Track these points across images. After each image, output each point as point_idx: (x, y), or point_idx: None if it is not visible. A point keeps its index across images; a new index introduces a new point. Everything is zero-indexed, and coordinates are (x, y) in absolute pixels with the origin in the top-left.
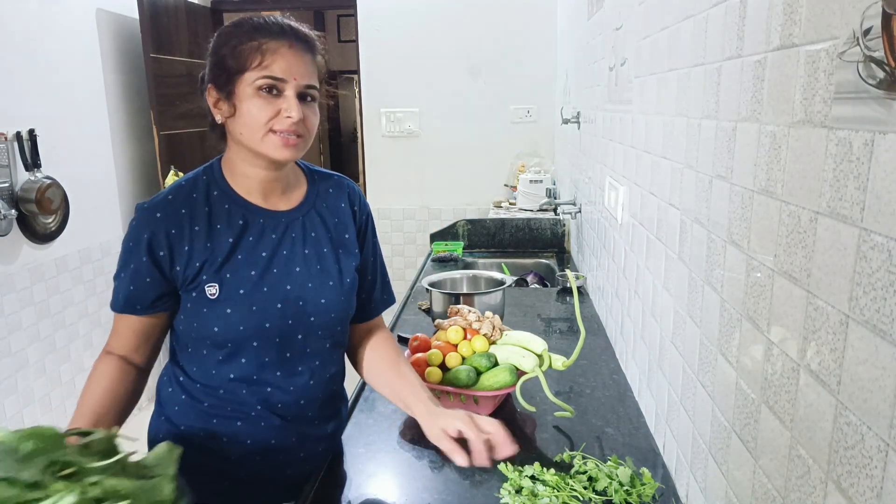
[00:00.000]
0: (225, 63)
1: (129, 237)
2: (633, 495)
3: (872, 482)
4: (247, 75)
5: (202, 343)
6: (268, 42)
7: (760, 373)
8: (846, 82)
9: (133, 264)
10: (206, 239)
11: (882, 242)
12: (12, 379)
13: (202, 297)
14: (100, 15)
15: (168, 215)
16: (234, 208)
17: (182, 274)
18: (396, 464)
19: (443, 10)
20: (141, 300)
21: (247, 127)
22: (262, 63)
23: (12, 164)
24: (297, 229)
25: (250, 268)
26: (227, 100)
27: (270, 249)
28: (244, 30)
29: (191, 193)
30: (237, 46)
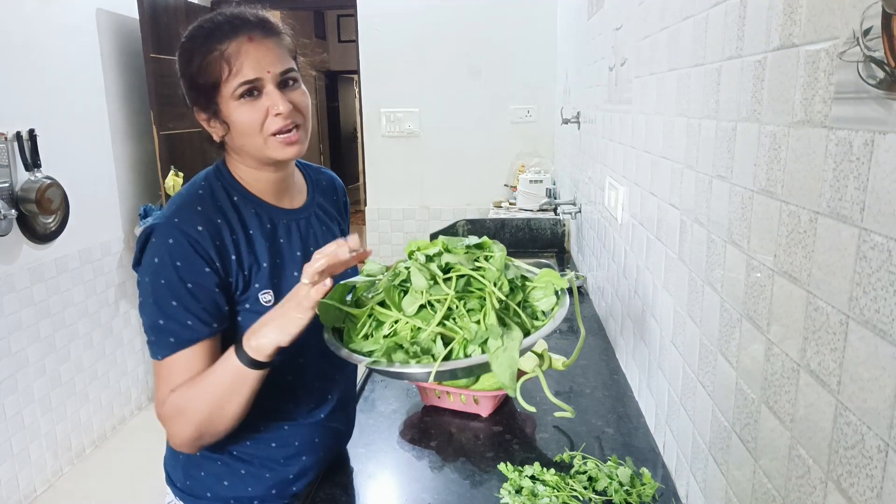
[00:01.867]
0: (196, 83)
1: (173, 257)
2: (634, 495)
3: (872, 482)
4: (222, 90)
5: None
6: (227, 46)
7: (760, 373)
8: (846, 82)
9: (191, 283)
10: (247, 246)
11: (882, 242)
12: (12, 379)
13: (257, 306)
14: (100, 15)
15: (208, 227)
16: (261, 212)
17: (234, 285)
18: (396, 464)
19: (443, 9)
20: (214, 314)
21: (245, 137)
22: (231, 70)
23: (12, 164)
24: (314, 224)
25: (292, 269)
26: (215, 118)
27: (301, 248)
28: (199, 41)
29: (216, 202)
30: (200, 62)
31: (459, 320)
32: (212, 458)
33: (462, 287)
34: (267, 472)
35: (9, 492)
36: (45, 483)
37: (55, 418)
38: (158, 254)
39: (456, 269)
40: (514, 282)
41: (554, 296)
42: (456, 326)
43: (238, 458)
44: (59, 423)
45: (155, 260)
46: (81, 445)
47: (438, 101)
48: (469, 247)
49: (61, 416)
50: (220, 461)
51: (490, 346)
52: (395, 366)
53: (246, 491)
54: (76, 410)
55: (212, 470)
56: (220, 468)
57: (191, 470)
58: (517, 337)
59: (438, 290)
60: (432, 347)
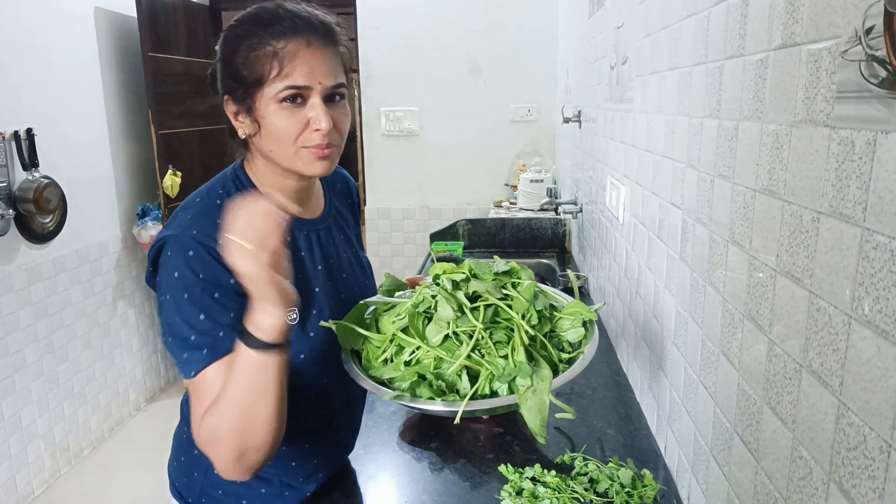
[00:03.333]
0: (239, 74)
1: (194, 270)
2: (635, 497)
3: (875, 483)
4: (266, 89)
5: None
6: (284, 44)
7: (762, 373)
8: (848, 81)
9: (217, 292)
10: None
11: (884, 242)
12: (10, 379)
13: None
14: (98, 13)
15: None
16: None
17: None
18: (396, 465)
19: (443, 8)
20: None
21: (276, 143)
22: (282, 72)
23: (10, 163)
24: (334, 234)
25: (314, 284)
26: (247, 114)
27: (322, 261)
28: (254, 31)
29: None
30: (249, 53)
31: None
32: None
33: (490, 318)
34: (287, 490)
35: (7, 493)
36: (43, 484)
37: (53, 419)
38: (179, 268)
39: (484, 299)
40: (542, 312)
41: (582, 327)
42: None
43: (259, 478)
44: (56, 424)
45: (175, 275)
46: (79, 446)
47: (438, 101)
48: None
49: (59, 416)
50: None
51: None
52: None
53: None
54: (74, 411)
55: (231, 489)
56: (240, 487)
57: (208, 489)
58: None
59: (466, 321)
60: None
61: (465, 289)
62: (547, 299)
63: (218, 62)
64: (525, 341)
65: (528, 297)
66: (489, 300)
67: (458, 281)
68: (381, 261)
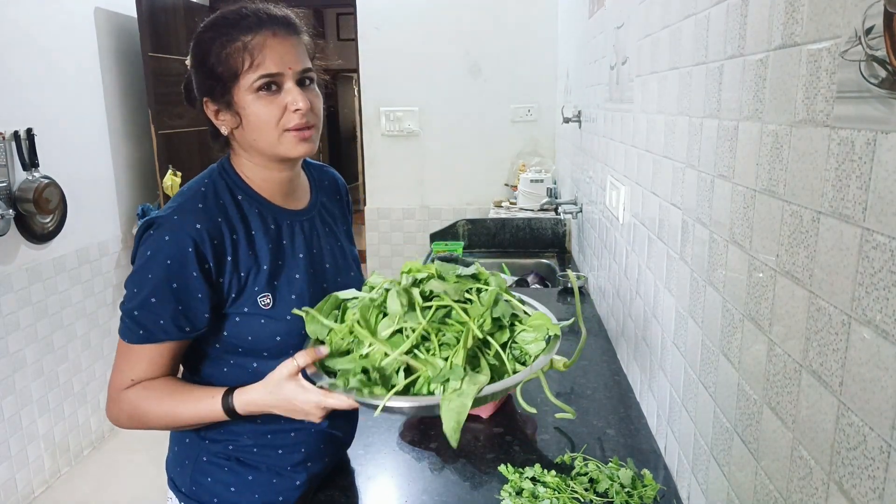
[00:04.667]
0: (214, 72)
1: (165, 254)
2: (635, 497)
3: (874, 483)
4: (241, 81)
5: (256, 356)
6: (251, 38)
7: (762, 373)
8: (848, 81)
9: (177, 283)
10: (248, 247)
11: (884, 242)
12: (10, 379)
13: (256, 309)
14: (98, 13)
15: (207, 225)
16: (265, 212)
17: (227, 286)
18: (396, 465)
19: (443, 9)
20: (191, 320)
21: (259, 132)
22: (253, 63)
23: (10, 163)
24: (318, 225)
25: (294, 271)
26: (227, 110)
27: (304, 250)
28: (222, 30)
29: (218, 200)
30: (221, 51)
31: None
32: (220, 464)
33: (440, 318)
34: (274, 478)
35: (7, 493)
36: (43, 484)
37: (53, 419)
38: (153, 248)
39: (439, 299)
40: (501, 319)
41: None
42: (425, 359)
43: (246, 465)
44: (56, 424)
45: (148, 253)
46: (79, 446)
47: (438, 101)
48: (461, 276)
49: (59, 416)
50: (227, 468)
51: (448, 386)
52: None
53: (253, 497)
54: (74, 411)
55: (219, 477)
56: (228, 475)
57: (197, 476)
58: (480, 382)
59: (413, 317)
60: (394, 377)
61: (423, 287)
62: (511, 308)
63: (192, 69)
64: (470, 345)
65: (487, 304)
66: (444, 301)
67: (419, 279)
68: (381, 261)
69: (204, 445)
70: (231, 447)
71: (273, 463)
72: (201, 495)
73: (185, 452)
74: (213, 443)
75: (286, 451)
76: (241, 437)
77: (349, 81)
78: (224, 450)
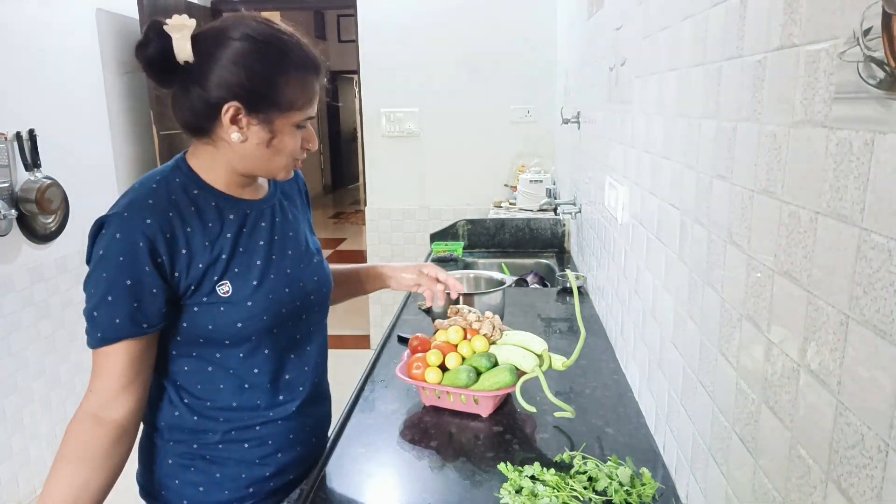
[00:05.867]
0: (270, 94)
1: (116, 251)
2: (634, 495)
3: (873, 482)
4: (292, 114)
5: (217, 346)
6: (313, 81)
7: (760, 373)
8: (846, 82)
9: (130, 279)
10: (203, 238)
11: (882, 242)
12: (12, 379)
13: (215, 298)
14: (100, 15)
15: (158, 219)
16: (222, 204)
17: (184, 279)
18: (396, 464)
19: (443, 9)
20: (148, 316)
21: (277, 155)
22: (310, 105)
23: (12, 164)
24: (278, 214)
25: (254, 258)
26: (261, 125)
27: (265, 237)
28: (294, 61)
29: (169, 195)
30: (287, 79)
31: None
32: (185, 465)
33: None
34: (243, 472)
35: (9, 492)
36: None
37: (55, 418)
38: (105, 246)
39: None
40: None
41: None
42: None
43: (211, 462)
44: (58, 423)
45: (100, 252)
46: None
47: (438, 101)
48: None
49: (61, 416)
50: (192, 467)
51: None
52: None
53: (223, 494)
54: None
55: (186, 478)
56: (195, 474)
57: (165, 480)
58: None
59: None
60: None
61: None
62: None
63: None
64: None
65: None
66: None
67: None
68: (381, 261)
69: (168, 447)
70: (195, 445)
71: (240, 457)
72: (171, 499)
73: (152, 458)
74: (177, 443)
75: (252, 444)
76: (205, 434)
77: (350, 83)
78: (188, 449)
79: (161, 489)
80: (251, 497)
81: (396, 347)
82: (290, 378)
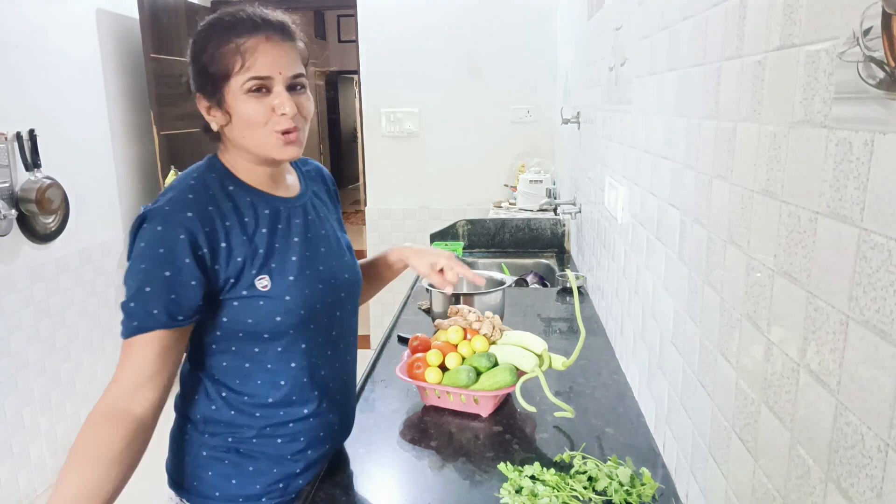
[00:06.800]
0: (207, 71)
1: (157, 244)
2: (633, 495)
3: (872, 482)
4: (232, 81)
5: (256, 341)
6: (245, 41)
7: (760, 373)
8: (846, 82)
9: (169, 271)
10: (241, 233)
11: (882, 242)
12: (12, 379)
13: (255, 292)
14: (100, 15)
15: (199, 214)
16: (257, 200)
17: (223, 272)
18: (396, 464)
19: (443, 10)
20: (184, 308)
21: (247, 130)
22: (245, 65)
23: (12, 164)
24: (311, 212)
25: (290, 254)
26: (218, 107)
27: (299, 234)
28: (218, 31)
29: (207, 191)
30: (215, 52)
31: None
32: (219, 457)
33: None
34: (275, 467)
35: (9, 492)
36: (45, 483)
37: (55, 418)
38: (145, 239)
39: None
40: None
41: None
42: None
43: (245, 456)
44: (58, 423)
45: (141, 244)
46: None
47: (438, 101)
48: None
49: (61, 416)
50: (227, 460)
51: None
52: None
53: (254, 488)
54: (76, 410)
55: (219, 470)
56: (228, 467)
57: (197, 471)
58: None
59: None
60: None
61: None
62: None
63: (189, 65)
64: None
65: None
66: None
67: None
68: None
69: (202, 439)
70: (230, 439)
71: (273, 452)
72: (203, 490)
73: (184, 449)
74: (212, 436)
75: (285, 440)
76: (241, 429)
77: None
78: (223, 442)
79: (193, 480)
80: (280, 492)
81: (396, 347)
82: (324, 374)
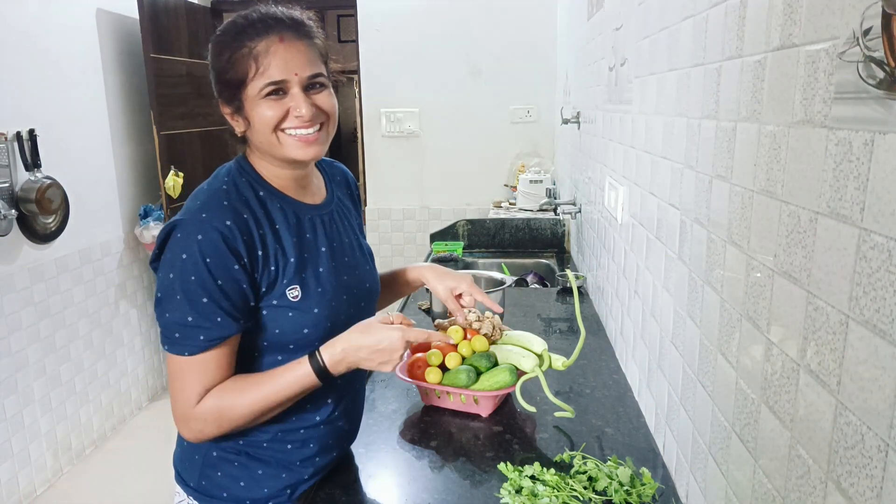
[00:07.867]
0: (224, 78)
1: (201, 254)
2: (633, 495)
3: (872, 482)
4: (248, 87)
5: (282, 350)
6: (257, 44)
7: (760, 373)
8: (846, 82)
9: (221, 279)
10: (274, 241)
11: (882, 242)
12: (12, 378)
13: (285, 301)
14: (100, 15)
15: (236, 220)
16: (286, 207)
17: (260, 280)
18: (396, 464)
19: (443, 10)
20: (244, 311)
21: (261, 134)
22: (259, 70)
23: (12, 164)
24: (337, 220)
25: (317, 264)
26: (238, 113)
27: (325, 243)
28: (231, 36)
29: (241, 196)
30: (230, 57)
31: None
32: (229, 459)
33: None
34: (284, 472)
35: (9, 492)
36: (45, 483)
37: (55, 418)
38: (187, 250)
39: None
40: None
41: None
42: None
43: (256, 459)
44: (58, 423)
45: (183, 256)
46: (81, 445)
47: (438, 101)
48: None
49: (61, 416)
50: (237, 462)
51: None
52: None
53: (262, 492)
54: (76, 410)
55: (229, 471)
56: (238, 469)
57: (207, 471)
58: None
59: None
60: None
61: None
62: None
63: (210, 70)
64: None
65: None
66: None
67: None
68: (382, 261)
69: (215, 440)
70: (242, 441)
71: (283, 457)
72: (210, 489)
73: (194, 447)
74: (225, 437)
75: (296, 446)
76: (254, 433)
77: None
78: (235, 444)
79: (202, 479)
80: (287, 498)
81: None
82: (339, 383)
